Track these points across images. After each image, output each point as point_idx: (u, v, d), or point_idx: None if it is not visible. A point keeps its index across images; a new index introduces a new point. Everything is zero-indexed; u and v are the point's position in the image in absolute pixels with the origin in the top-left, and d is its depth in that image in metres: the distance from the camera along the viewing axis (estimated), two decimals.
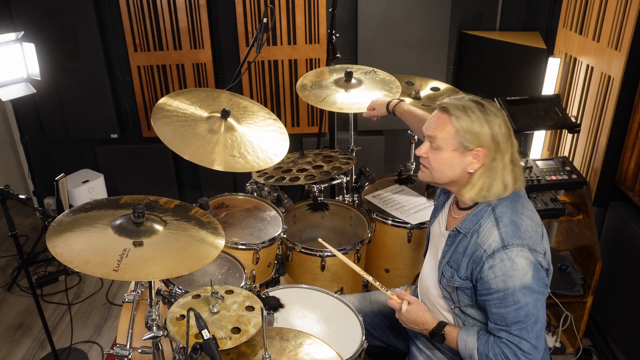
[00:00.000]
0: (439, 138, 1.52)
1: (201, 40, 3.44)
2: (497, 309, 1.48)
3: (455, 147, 1.50)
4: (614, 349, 2.55)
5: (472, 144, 1.48)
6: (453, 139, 1.50)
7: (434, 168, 1.56)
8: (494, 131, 1.48)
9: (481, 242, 1.50)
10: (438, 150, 1.53)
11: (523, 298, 1.44)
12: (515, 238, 1.46)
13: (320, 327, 1.78)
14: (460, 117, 1.48)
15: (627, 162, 2.38)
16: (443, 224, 1.71)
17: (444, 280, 1.61)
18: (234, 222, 2.27)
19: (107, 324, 2.91)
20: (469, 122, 1.48)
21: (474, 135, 1.48)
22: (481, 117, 1.48)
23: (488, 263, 1.47)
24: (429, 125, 1.56)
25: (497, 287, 1.46)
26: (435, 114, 1.57)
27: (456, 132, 1.49)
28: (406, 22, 3.36)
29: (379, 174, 2.64)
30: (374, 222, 2.37)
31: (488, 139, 1.48)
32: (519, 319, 1.46)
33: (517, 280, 1.44)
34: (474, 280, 1.53)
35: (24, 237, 3.67)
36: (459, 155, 1.51)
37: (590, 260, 2.43)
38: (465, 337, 1.57)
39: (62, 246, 1.37)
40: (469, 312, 1.61)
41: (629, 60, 2.30)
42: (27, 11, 3.31)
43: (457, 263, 1.56)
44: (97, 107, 3.58)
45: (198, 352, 1.30)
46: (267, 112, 2.33)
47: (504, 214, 1.51)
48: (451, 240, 1.61)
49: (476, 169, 1.51)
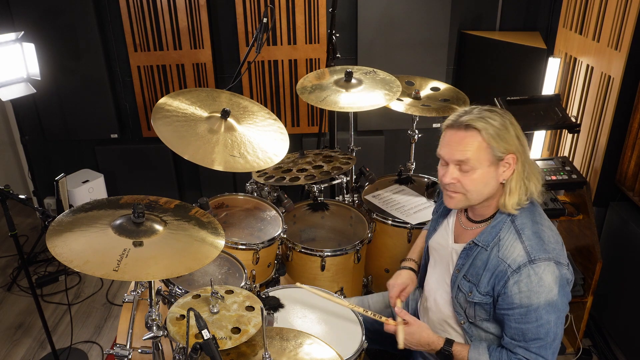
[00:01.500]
0: (471, 159, 1.43)
1: (201, 40, 3.44)
2: (516, 324, 1.44)
3: (490, 162, 1.44)
4: (614, 349, 2.55)
5: (503, 152, 1.43)
6: (486, 154, 1.43)
7: (469, 191, 1.47)
8: (516, 131, 1.44)
9: (504, 257, 1.45)
10: (471, 172, 1.45)
11: (546, 315, 1.40)
12: (542, 252, 1.41)
13: (320, 327, 1.78)
14: (487, 128, 1.41)
15: (627, 162, 2.38)
16: (450, 237, 1.65)
17: (461, 295, 1.56)
18: (234, 222, 2.27)
19: (107, 324, 2.91)
20: (496, 131, 1.42)
21: (505, 142, 1.42)
22: (501, 121, 1.43)
23: (513, 278, 1.41)
24: (455, 149, 1.45)
25: (520, 302, 1.41)
26: (454, 135, 1.46)
27: (488, 146, 1.42)
28: (406, 22, 3.36)
29: (379, 174, 2.64)
30: (374, 222, 2.37)
31: (516, 142, 1.44)
32: (539, 336, 1.42)
33: (543, 296, 1.39)
34: (495, 295, 1.47)
35: (24, 237, 3.67)
36: (494, 168, 1.45)
37: (590, 260, 2.43)
38: (476, 356, 1.52)
39: (62, 246, 1.37)
40: (483, 326, 1.56)
41: (629, 60, 2.30)
42: (27, 11, 3.31)
43: (477, 278, 1.51)
44: (97, 107, 3.58)
45: (198, 352, 1.30)
46: (267, 112, 2.33)
47: (525, 226, 1.46)
48: (466, 253, 1.55)
49: (508, 177, 1.46)
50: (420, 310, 1.83)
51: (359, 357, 1.69)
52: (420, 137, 2.66)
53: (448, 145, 1.48)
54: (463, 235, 1.61)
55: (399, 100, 2.52)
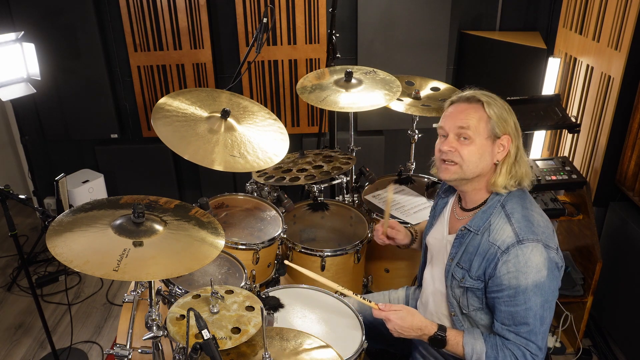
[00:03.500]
0: (471, 127, 1.49)
1: (201, 40, 3.44)
2: (506, 306, 1.46)
3: (488, 135, 1.50)
4: (614, 349, 2.55)
5: (501, 131, 1.50)
6: (486, 126, 1.50)
7: (465, 161, 1.51)
8: (514, 118, 1.52)
9: (494, 240, 1.48)
10: (469, 141, 1.50)
11: (534, 297, 1.42)
12: (530, 233, 1.44)
13: (320, 327, 1.78)
14: (492, 104, 1.50)
15: (627, 162, 2.38)
16: (445, 230, 1.68)
17: (454, 282, 1.58)
18: (234, 222, 2.27)
19: (107, 324, 2.91)
20: (500, 108, 1.50)
21: (504, 121, 1.50)
22: (504, 105, 1.52)
23: (502, 259, 1.44)
24: (457, 117, 1.52)
25: (509, 283, 1.44)
26: (457, 106, 1.54)
27: (489, 119, 1.49)
28: (406, 22, 3.36)
29: (379, 174, 2.64)
30: (374, 222, 2.37)
31: (513, 126, 1.51)
32: (527, 320, 1.44)
33: (530, 277, 1.42)
34: (486, 278, 1.50)
35: (24, 237, 3.67)
36: (491, 143, 1.51)
37: (590, 260, 2.43)
38: (472, 340, 1.53)
39: (62, 246, 1.37)
40: (477, 317, 1.57)
41: (629, 60, 2.30)
42: (27, 11, 3.31)
43: (469, 263, 1.53)
44: (97, 107, 3.58)
45: (198, 352, 1.30)
46: (267, 112, 2.33)
47: (515, 210, 1.50)
48: (459, 240, 1.58)
49: (502, 158, 1.52)
50: (419, 308, 1.83)
51: (359, 357, 1.69)
52: (420, 137, 2.66)
53: (450, 116, 1.55)
54: (457, 226, 1.63)
55: (399, 100, 2.52)
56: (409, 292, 1.97)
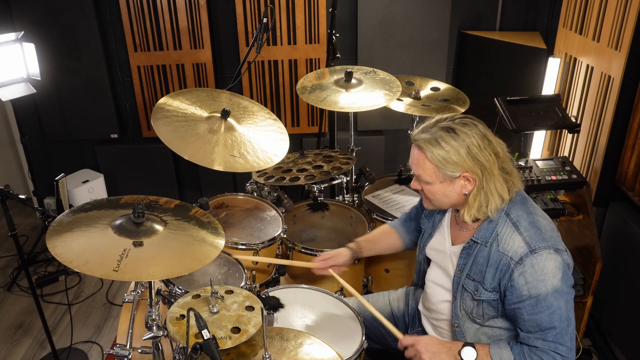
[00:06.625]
0: (423, 176, 1.53)
1: (201, 40, 3.44)
2: (529, 315, 1.45)
3: (442, 179, 1.50)
4: (614, 349, 2.55)
5: (456, 172, 1.47)
6: (436, 173, 1.50)
7: (431, 199, 1.57)
8: (471, 152, 1.46)
9: (504, 250, 1.47)
10: (428, 185, 1.53)
11: (555, 302, 1.42)
12: (541, 241, 1.44)
13: (320, 327, 1.78)
14: (434, 151, 1.47)
15: (627, 162, 2.38)
16: (447, 241, 1.67)
17: (466, 294, 1.57)
18: (234, 222, 2.27)
19: (107, 324, 2.91)
20: (445, 154, 1.46)
21: (454, 164, 1.46)
22: (454, 144, 1.46)
23: (518, 270, 1.44)
24: (412, 164, 1.56)
25: (529, 293, 1.43)
26: (412, 150, 1.55)
27: (436, 167, 1.48)
28: (406, 22, 3.36)
29: (379, 174, 2.64)
30: (374, 222, 2.37)
31: (469, 162, 1.46)
32: (553, 324, 1.43)
33: (549, 284, 1.42)
34: (502, 290, 1.49)
35: (24, 237, 3.67)
36: (449, 184, 1.51)
37: (590, 260, 2.43)
38: (498, 351, 1.51)
39: (62, 246, 1.37)
40: (492, 324, 1.57)
41: (629, 60, 2.30)
42: (27, 11, 3.31)
43: (481, 275, 1.52)
44: (97, 107, 3.58)
45: (198, 352, 1.30)
46: (267, 112, 2.33)
47: (520, 217, 1.49)
48: (466, 252, 1.57)
49: (470, 189, 1.50)
50: (421, 310, 1.83)
51: (359, 357, 1.69)
52: None
53: (410, 158, 1.57)
54: (460, 236, 1.62)
55: (399, 100, 2.52)
56: (409, 292, 1.97)
